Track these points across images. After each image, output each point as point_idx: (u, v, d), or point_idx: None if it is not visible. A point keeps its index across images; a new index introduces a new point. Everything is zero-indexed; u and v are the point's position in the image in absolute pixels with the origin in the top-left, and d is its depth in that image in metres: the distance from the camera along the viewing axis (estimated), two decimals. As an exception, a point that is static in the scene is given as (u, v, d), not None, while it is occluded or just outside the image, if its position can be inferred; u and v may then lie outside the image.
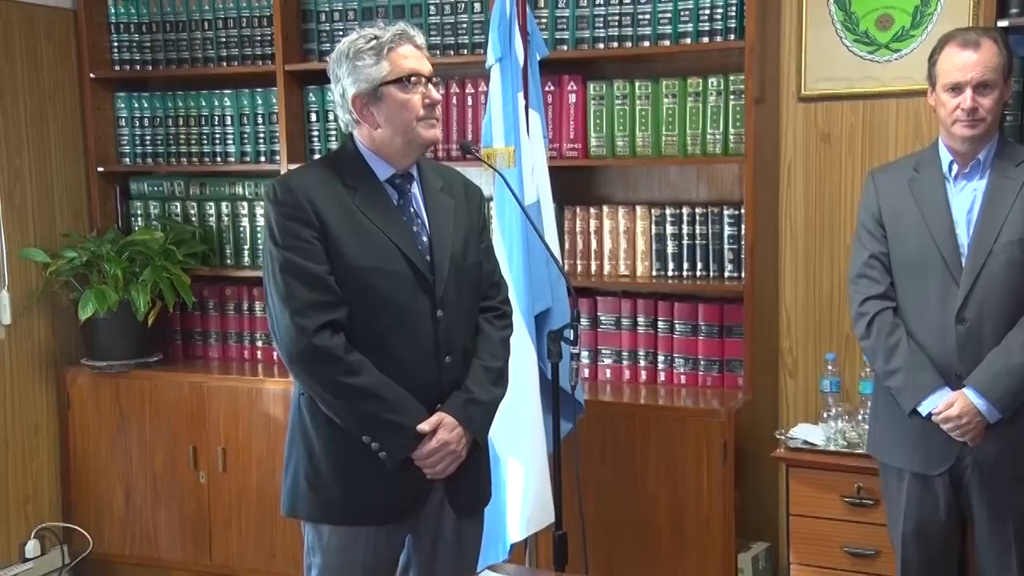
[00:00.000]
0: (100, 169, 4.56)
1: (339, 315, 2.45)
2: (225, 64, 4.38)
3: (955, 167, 2.79)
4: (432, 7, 4.02)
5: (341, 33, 4.15)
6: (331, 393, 2.45)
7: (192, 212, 4.54)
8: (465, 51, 3.99)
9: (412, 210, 2.57)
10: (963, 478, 2.78)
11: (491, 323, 2.69)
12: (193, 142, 4.49)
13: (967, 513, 2.82)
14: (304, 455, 2.55)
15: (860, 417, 3.38)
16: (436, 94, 2.54)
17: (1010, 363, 2.67)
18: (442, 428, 2.50)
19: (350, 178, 2.52)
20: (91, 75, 4.50)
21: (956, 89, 2.71)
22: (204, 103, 4.46)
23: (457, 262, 2.58)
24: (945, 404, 2.71)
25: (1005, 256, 2.69)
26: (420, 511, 2.57)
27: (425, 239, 2.55)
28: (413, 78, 2.49)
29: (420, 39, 2.55)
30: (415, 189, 2.60)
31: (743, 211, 3.68)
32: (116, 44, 4.54)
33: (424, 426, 2.48)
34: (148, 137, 4.56)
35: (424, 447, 2.49)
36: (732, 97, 3.69)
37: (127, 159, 4.60)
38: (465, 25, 3.99)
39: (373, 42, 2.48)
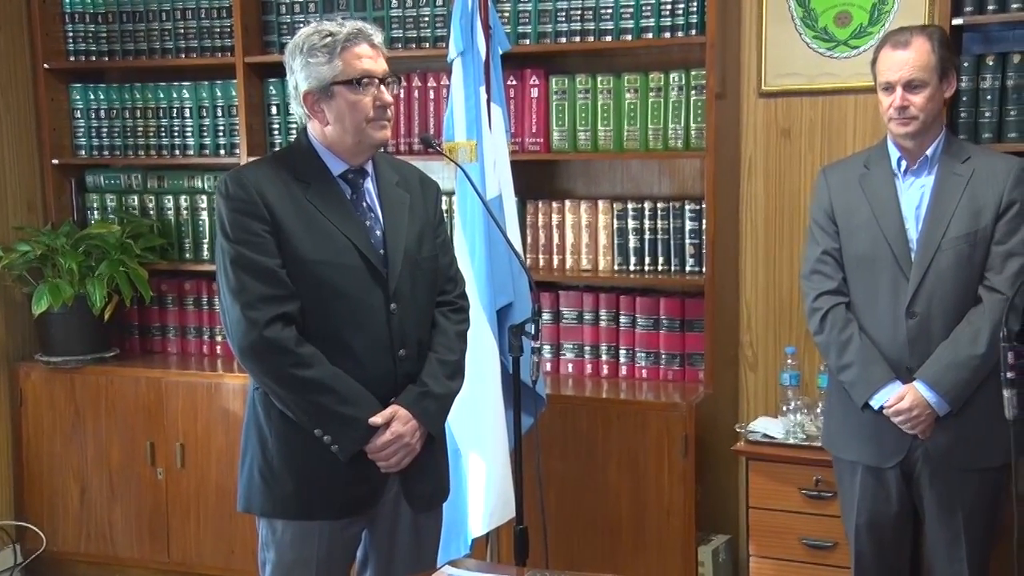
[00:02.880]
0: (55, 162, 4.51)
1: (290, 308, 2.44)
2: (184, 56, 4.34)
3: (904, 163, 2.85)
4: (394, 0, 4.01)
5: (302, 25, 4.09)
6: (282, 386, 2.44)
7: (150, 206, 4.49)
8: (427, 45, 3.98)
9: (365, 204, 2.57)
10: (914, 470, 2.83)
11: (447, 317, 2.70)
12: (151, 134, 4.45)
13: (919, 505, 2.88)
14: (258, 450, 2.54)
15: (819, 410, 3.42)
16: (388, 96, 2.52)
17: (958, 356, 2.73)
18: (396, 421, 2.50)
19: (302, 173, 2.52)
20: (45, 66, 4.44)
21: (888, 88, 2.79)
22: (162, 95, 4.41)
23: (412, 256, 2.58)
24: (896, 397, 2.77)
25: (953, 251, 2.75)
26: (375, 505, 2.57)
27: (379, 233, 2.55)
28: (365, 80, 2.48)
29: (378, 37, 2.53)
30: (369, 184, 2.60)
31: (704, 206, 3.71)
32: (71, 34, 4.49)
33: (377, 419, 2.48)
34: (104, 129, 4.50)
35: (377, 439, 2.48)
36: (693, 92, 3.71)
37: (83, 151, 4.55)
38: (427, 18, 3.98)
39: (328, 39, 2.47)
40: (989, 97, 3.28)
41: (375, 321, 2.51)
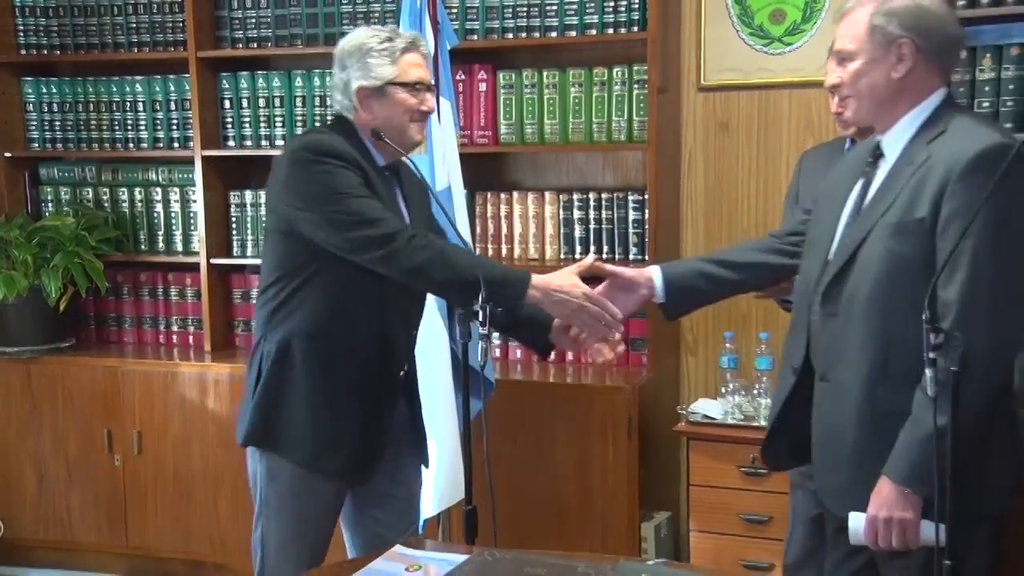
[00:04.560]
0: (7, 155, 4.54)
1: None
2: (136, 50, 4.40)
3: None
4: (345, -5, 4.11)
5: (253, 21, 4.22)
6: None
7: (104, 198, 4.55)
8: (377, 40, 4.07)
9: (397, 199, 2.80)
10: None
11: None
12: (104, 128, 4.50)
13: None
14: (279, 394, 2.69)
15: (756, 391, 3.56)
16: (432, 103, 2.78)
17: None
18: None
19: (362, 157, 2.69)
20: (-4, 59, 4.48)
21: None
22: (115, 89, 4.47)
23: None
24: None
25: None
26: (373, 471, 2.76)
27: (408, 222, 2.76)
28: (418, 85, 2.71)
29: (425, 49, 2.80)
30: (394, 182, 2.82)
31: (646, 196, 3.83)
32: (22, 28, 4.52)
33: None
34: (57, 122, 4.55)
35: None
36: (636, 86, 3.84)
37: (35, 144, 4.59)
38: (377, 14, 4.08)
39: (387, 43, 2.69)
40: None
41: (401, 300, 2.72)
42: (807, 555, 3.01)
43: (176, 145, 4.42)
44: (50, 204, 4.60)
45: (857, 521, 2.23)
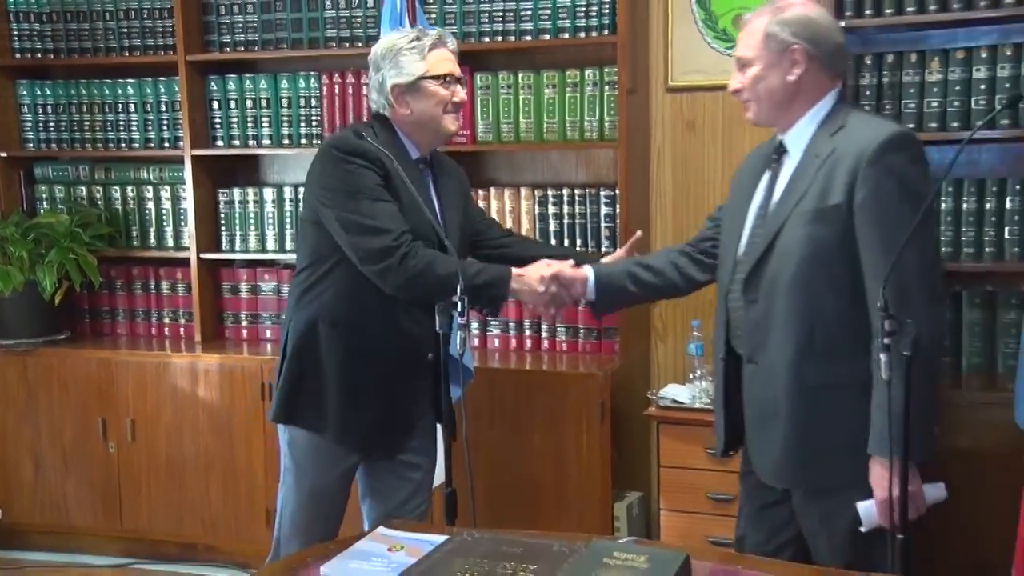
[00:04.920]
0: (3, 154, 4.64)
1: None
2: (127, 54, 4.51)
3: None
4: (328, 1, 4.23)
5: (240, 25, 4.35)
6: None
7: (98, 196, 4.66)
8: (360, 43, 4.20)
9: (430, 190, 2.95)
10: None
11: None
12: (97, 129, 4.60)
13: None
14: (315, 373, 2.87)
15: (721, 377, 3.69)
16: (463, 94, 2.95)
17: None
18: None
19: (391, 152, 2.82)
20: (-9, 63, 4.57)
21: None
22: (107, 91, 4.57)
23: (460, 235, 2.99)
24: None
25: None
26: (393, 448, 2.97)
27: (439, 215, 2.92)
28: (449, 77, 2.88)
29: (453, 44, 2.95)
30: (428, 173, 2.98)
31: (617, 192, 3.94)
32: (16, 33, 4.63)
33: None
34: (52, 124, 4.65)
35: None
36: (607, 87, 3.97)
37: (31, 144, 4.70)
38: (359, 19, 4.21)
39: (416, 42, 2.88)
40: (868, 93, 3.56)
41: None
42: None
43: (167, 145, 4.53)
44: (45, 202, 4.71)
45: (867, 508, 2.36)
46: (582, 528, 3.69)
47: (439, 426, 3.04)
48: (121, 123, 4.58)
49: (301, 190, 4.31)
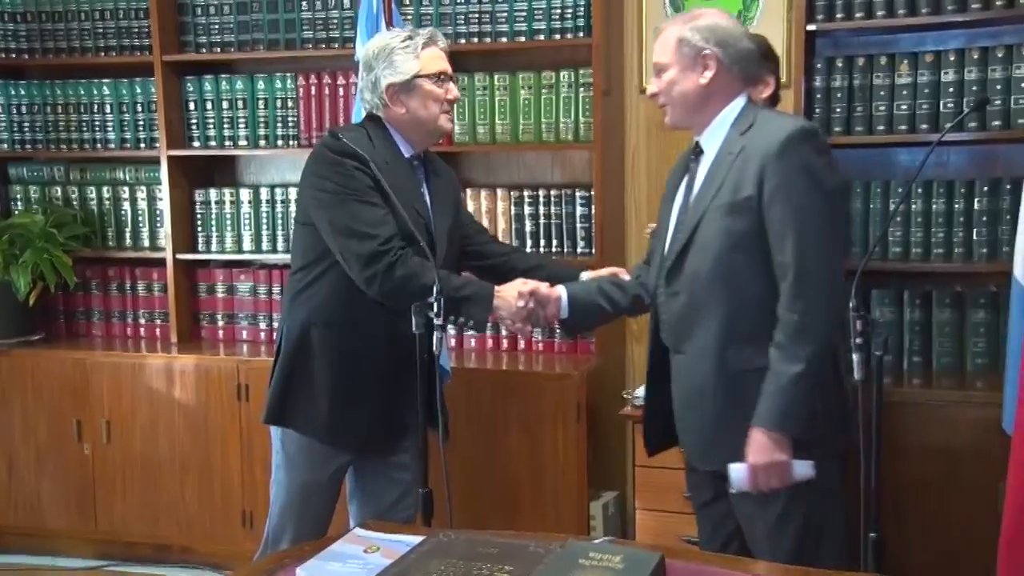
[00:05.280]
0: (-23, 155, 4.63)
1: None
2: (103, 54, 4.51)
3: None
4: (304, 3, 4.25)
5: (217, 26, 4.36)
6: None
7: (73, 196, 4.65)
8: (336, 45, 4.22)
9: (423, 188, 2.97)
10: None
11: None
12: (73, 129, 4.59)
13: None
14: (306, 376, 2.88)
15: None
16: (456, 92, 2.96)
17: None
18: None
19: (383, 153, 2.86)
20: (-35, 62, 4.56)
21: None
22: (83, 92, 4.57)
23: (449, 236, 3.00)
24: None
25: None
26: (384, 450, 2.98)
27: (430, 214, 2.94)
28: (443, 75, 2.90)
29: (444, 43, 2.97)
30: (421, 170, 2.99)
31: (593, 193, 3.98)
32: (-9, 32, 4.61)
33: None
34: (27, 124, 4.64)
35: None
36: (582, 89, 4.00)
37: (5, 145, 4.68)
38: (336, 21, 4.23)
39: (408, 42, 2.89)
40: (839, 95, 3.63)
41: None
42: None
43: (143, 145, 4.52)
44: (19, 202, 4.70)
45: (737, 471, 2.49)
46: (559, 528, 3.72)
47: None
48: (97, 123, 4.57)
49: (278, 191, 4.41)
